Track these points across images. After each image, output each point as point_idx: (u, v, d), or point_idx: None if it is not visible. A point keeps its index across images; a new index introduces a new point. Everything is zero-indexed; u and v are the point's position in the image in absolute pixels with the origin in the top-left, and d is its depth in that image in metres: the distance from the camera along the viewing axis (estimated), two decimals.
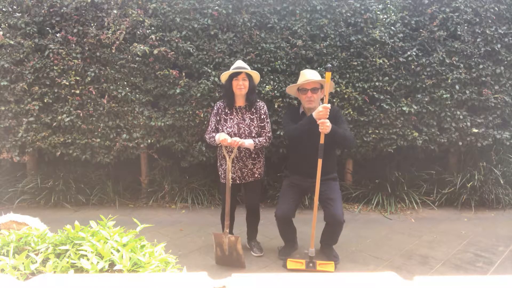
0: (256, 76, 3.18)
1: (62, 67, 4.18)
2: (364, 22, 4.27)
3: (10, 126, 4.33)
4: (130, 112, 4.32)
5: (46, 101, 4.24)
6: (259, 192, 3.35)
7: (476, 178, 4.49)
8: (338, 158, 4.15)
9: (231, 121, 3.13)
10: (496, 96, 4.33)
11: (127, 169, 4.94)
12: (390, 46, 4.22)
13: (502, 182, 4.53)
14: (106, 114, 4.32)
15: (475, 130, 4.36)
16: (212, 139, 3.14)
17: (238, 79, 3.05)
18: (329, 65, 2.82)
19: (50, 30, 4.22)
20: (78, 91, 4.22)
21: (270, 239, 3.63)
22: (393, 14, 4.42)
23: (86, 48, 4.19)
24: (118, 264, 1.40)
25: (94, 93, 4.24)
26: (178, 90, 4.23)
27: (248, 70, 3.09)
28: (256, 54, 4.22)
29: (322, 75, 3.37)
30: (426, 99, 4.30)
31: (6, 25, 4.21)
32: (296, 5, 4.23)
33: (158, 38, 4.16)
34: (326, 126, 2.84)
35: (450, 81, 4.26)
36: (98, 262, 1.40)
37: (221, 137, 3.01)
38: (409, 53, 4.22)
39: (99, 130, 4.31)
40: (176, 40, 4.17)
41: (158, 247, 1.63)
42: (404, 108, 4.27)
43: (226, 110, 3.17)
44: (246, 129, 3.11)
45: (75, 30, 4.17)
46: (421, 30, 4.25)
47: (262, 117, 3.17)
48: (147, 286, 1.00)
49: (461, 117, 4.35)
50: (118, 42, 4.12)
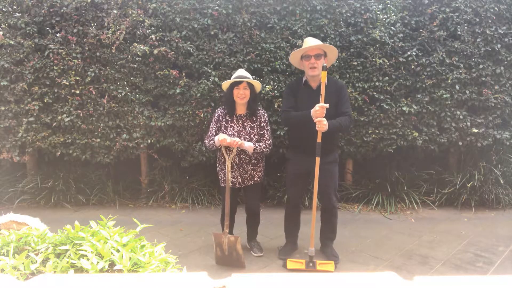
0: (257, 85, 3.18)
1: (62, 67, 4.18)
2: (364, 22, 4.27)
3: (10, 126, 4.33)
4: (130, 112, 4.32)
5: (46, 101, 4.24)
6: (259, 194, 3.35)
7: (476, 178, 4.49)
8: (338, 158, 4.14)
9: (232, 128, 3.15)
10: (496, 96, 4.33)
11: (127, 169, 4.94)
12: (390, 46, 4.22)
13: (502, 182, 4.53)
14: (106, 114, 4.32)
15: (475, 130, 4.36)
16: (211, 142, 3.15)
17: (239, 88, 3.07)
18: (324, 64, 2.82)
19: (50, 30, 4.22)
20: (78, 91, 4.22)
21: (270, 239, 3.63)
22: (393, 14, 4.42)
23: (86, 48, 4.19)
24: (118, 264, 1.40)
25: (94, 93, 4.24)
26: (178, 90, 4.23)
27: (249, 79, 3.10)
28: (256, 54, 4.22)
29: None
30: (426, 99, 4.30)
31: (6, 25, 4.21)
32: (296, 5, 4.23)
33: (158, 38, 4.16)
34: (323, 124, 2.84)
35: (450, 81, 4.26)
36: (98, 262, 1.40)
37: (220, 137, 3.02)
38: (409, 53, 4.22)
39: (99, 130, 4.31)
40: (176, 40, 4.17)
41: (158, 247, 1.63)
42: (404, 108, 4.27)
43: (227, 118, 3.19)
44: (246, 137, 3.14)
45: (75, 30, 4.17)
46: (421, 30, 4.25)
47: (262, 125, 3.18)
48: (147, 286, 1.00)
49: (461, 117, 4.35)
50: (118, 42, 4.12)
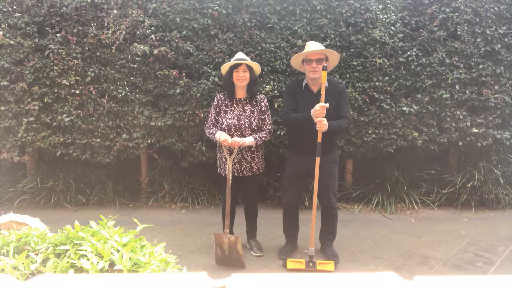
0: (256, 67, 3.16)
1: (62, 67, 4.18)
2: (364, 22, 4.26)
3: (10, 126, 4.32)
4: (130, 112, 4.32)
5: (46, 101, 4.24)
6: (257, 187, 3.34)
7: (476, 178, 4.49)
8: (338, 158, 4.15)
9: (231, 112, 3.12)
10: (496, 96, 4.33)
11: (127, 169, 4.94)
12: (390, 46, 4.21)
13: (502, 182, 4.53)
14: (106, 114, 4.32)
15: (475, 130, 4.36)
16: (211, 136, 3.14)
17: (238, 71, 3.04)
18: (325, 64, 2.82)
19: (50, 30, 4.22)
20: (78, 91, 4.22)
21: (270, 239, 3.63)
22: (393, 14, 4.42)
23: (86, 48, 4.19)
24: (118, 264, 1.40)
25: (94, 93, 4.24)
26: (178, 90, 4.22)
27: (248, 61, 3.08)
28: (256, 54, 4.22)
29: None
30: (426, 99, 4.30)
31: (6, 25, 4.21)
32: (296, 5, 4.23)
33: (158, 38, 4.16)
34: (323, 124, 2.84)
35: (450, 81, 4.26)
36: (98, 262, 1.40)
37: (221, 137, 3.01)
38: (409, 53, 4.22)
39: (99, 130, 4.31)
40: (176, 40, 4.17)
41: (158, 247, 1.63)
42: (404, 108, 4.27)
43: (227, 102, 3.16)
44: (246, 120, 3.10)
45: (75, 30, 4.17)
46: (421, 30, 4.25)
47: (263, 109, 3.16)
48: (147, 286, 1.00)
49: (461, 117, 4.35)
50: (118, 42, 4.12)
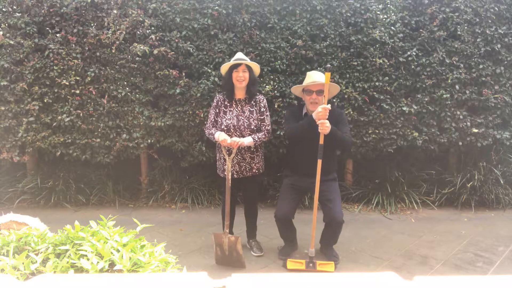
0: (256, 68, 3.16)
1: (62, 67, 4.18)
2: (364, 22, 4.26)
3: (10, 126, 4.32)
4: (130, 112, 4.32)
5: (46, 101, 4.24)
6: (257, 187, 3.34)
7: (476, 178, 4.49)
8: (338, 158, 4.15)
9: (231, 113, 3.12)
10: (496, 96, 4.33)
11: (127, 169, 4.94)
12: (390, 46, 4.21)
13: (502, 182, 4.53)
14: (106, 114, 4.32)
15: (475, 130, 4.36)
16: (211, 136, 3.14)
17: (238, 71, 3.03)
18: (328, 65, 2.81)
19: (50, 30, 4.22)
20: (78, 91, 4.22)
21: (270, 239, 3.63)
22: (393, 14, 4.42)
23: (86, 48, 4.19)
24: (118, 264, 1.40)
25: (94, 93, 4.24)
26: (178, 90, 4.23)
27: (248, 61, 3.08)
28: (256, 54, 4.22)
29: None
30: (426, 99, 4.30)
31: (6, 25, 4.21)
32: (296, 5, 4.23)
33: (158, 38, 4.16)
34: (325, 126, 2.84)
35: (450, 81, 4.26)
36: (98, 262, 1.40)
37: (220, 137, 3.01)
38: (409, 53, 4.22)
39: (99, 130, 4.31)
40: (176, 40, 4.17)
41: (158, 247, 1.63)
42: (404, 108, 4.27)
43: (226, 103, 3.16)
44: (245, 121, 3.10)
45: (75, 30, 4.17)
46: (421, 30, 4.25)
47: (262, 110, 3.15)
48: (147, 286, 1.00)
49: (461, 117, 4.35)
50: (118, 42, 4.12)
